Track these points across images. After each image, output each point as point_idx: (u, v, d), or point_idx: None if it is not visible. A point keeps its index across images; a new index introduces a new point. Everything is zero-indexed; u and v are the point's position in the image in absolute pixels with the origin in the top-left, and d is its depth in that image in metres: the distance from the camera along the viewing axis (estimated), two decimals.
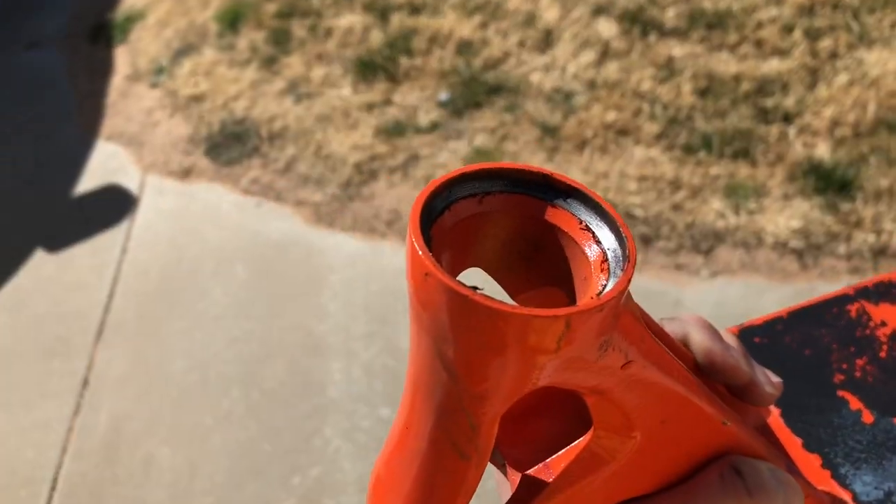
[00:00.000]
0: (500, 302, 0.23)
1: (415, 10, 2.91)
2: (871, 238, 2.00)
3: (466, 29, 2.79)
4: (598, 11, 2.78)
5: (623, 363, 0.26)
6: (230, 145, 2.52)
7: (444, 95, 2.56)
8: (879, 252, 1.98)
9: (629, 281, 0.25)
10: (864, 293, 0.50)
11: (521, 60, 2.66)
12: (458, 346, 0.24)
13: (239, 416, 1.89)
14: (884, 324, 0.48)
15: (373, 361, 1.98)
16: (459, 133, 2.46)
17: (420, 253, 0.23)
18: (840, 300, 0.50)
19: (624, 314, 0.26)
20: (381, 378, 1.95)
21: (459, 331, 0.23)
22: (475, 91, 2.56)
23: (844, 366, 0.46)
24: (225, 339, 2.04)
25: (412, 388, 0.27)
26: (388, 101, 2.58)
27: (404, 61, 2.69)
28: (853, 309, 0.49)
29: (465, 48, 2.74)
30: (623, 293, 0.24)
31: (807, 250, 2.03)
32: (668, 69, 2.52)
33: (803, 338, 0.48)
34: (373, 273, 2.16)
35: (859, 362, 0.46)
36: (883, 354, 0.46)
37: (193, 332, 2.06)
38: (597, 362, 0.25)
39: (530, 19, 2.80)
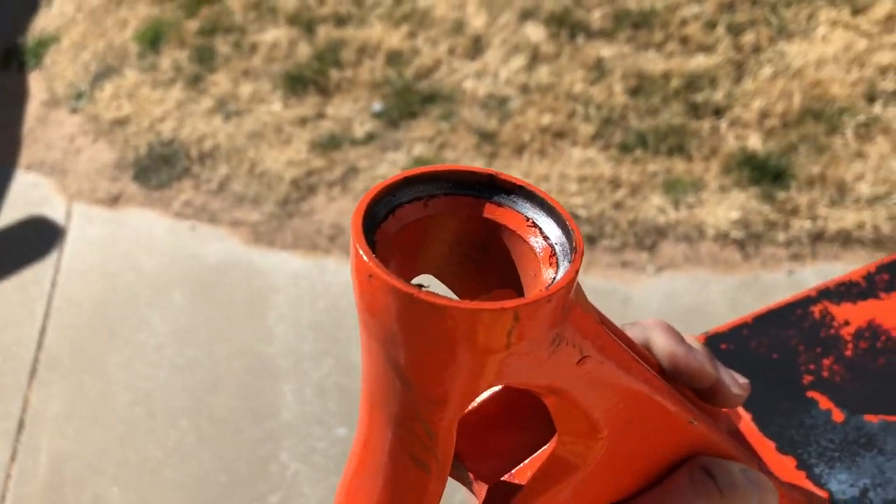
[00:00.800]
0: (447, 298, 0.22)
1: (341, 22, 2.88)
2: (808, 224, 2.05)
3: (395, 39, 2.76)
4: (525, 16, 2.80)
5: (578, 359, 0.26)
6: (159, 168, 2.44)
7: (377, 106, 2.53)
8: (817, 237, 2.04)
9: (577, 272, 0.24)
10: (826, 294, 0.51)
11: (452, 68, 2.66)
12: (407, 348, 0.23)
13: (190, 448, 1.81)
14: (847, 323, 0.49)
15: (325, 381, 1.93)
16: (397, 143, 2.43)
17: (363, 255, 0.23)
18: (803, 302, 0.50)
19: (575, 308, 0.25)
20: (335, 397, 1.90)
21: (407, 332, 0.23)
22: (409, 101, 2.54)
23: (812, 367, 0.47)
24: (169, 369, 1.96)
25: (368, 403, 0.26)
26: (320, 115, 2.53)
27: (334, 73, 2.65)
28: (816, 310, 0.49)
29: (395, 58, 2.71)
30: (572, 283, 0.24)
31: (747, 240, 2.07)
32: (599, 70, 2.55)
33: (770, 341, 0.49)
34: (318, 290, 2.11)
35: (826, 362, 0.47)
36: (849, 353, 0.47)
37: (134, 363, 1.97)
38: (550, 358, 0.25)
39: (458, 27, 2.79)
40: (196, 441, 1.82)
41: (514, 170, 2.30)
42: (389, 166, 2.34)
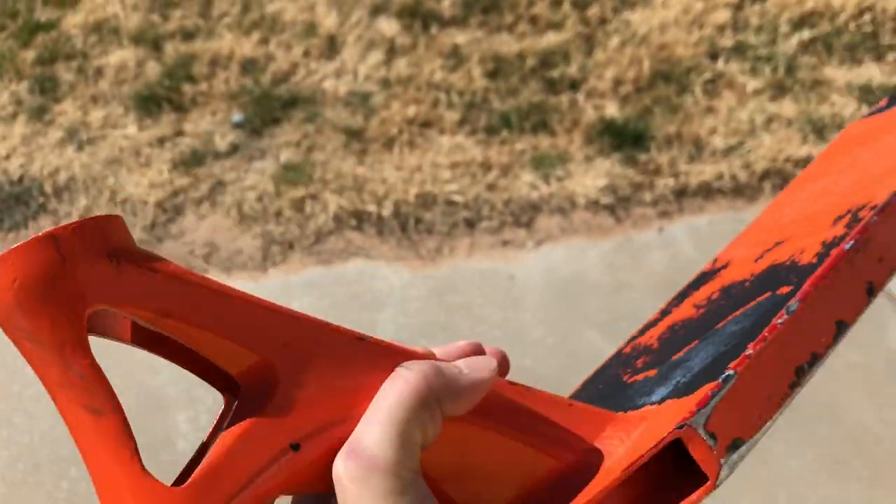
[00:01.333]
0: None
1: (188, 36, 2.79)
2: (671, 182, 2.14)
3: (247, 47, 2.70)
4: (377, 11, 2.79)
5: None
6: (12, 209, 2.29)
7: (237, 117, 2.47)
8: (681, 193, 2.13)
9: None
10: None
11: (310, 70, 2.62)
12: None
13: (84, 497, 1.71)
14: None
15: (220, 403, 1.86)
16: (262, 152, 2.37)
17: None
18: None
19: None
20: None
21: None
22: (270, 107, 2.49)
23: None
24: (49, 418, 1.84)
25: (49, 394, 0.28)
26: (179, 133, 2.45)
27: (188, 89, 2.56)
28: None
29: (250, 66, 2.65)
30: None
31: (617, 204, 2.13)
32: (456, 57, 2.58)
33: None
34: None
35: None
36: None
37: (12, 416, 1.84)
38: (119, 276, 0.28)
39: (310, 28, 2.76)
40: (89, 488, 1.72)
41: (386, 164, 2.29)
42: (258, 175, 2.29)
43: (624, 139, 2.24)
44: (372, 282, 2.06)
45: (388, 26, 2.72)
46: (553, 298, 1.97)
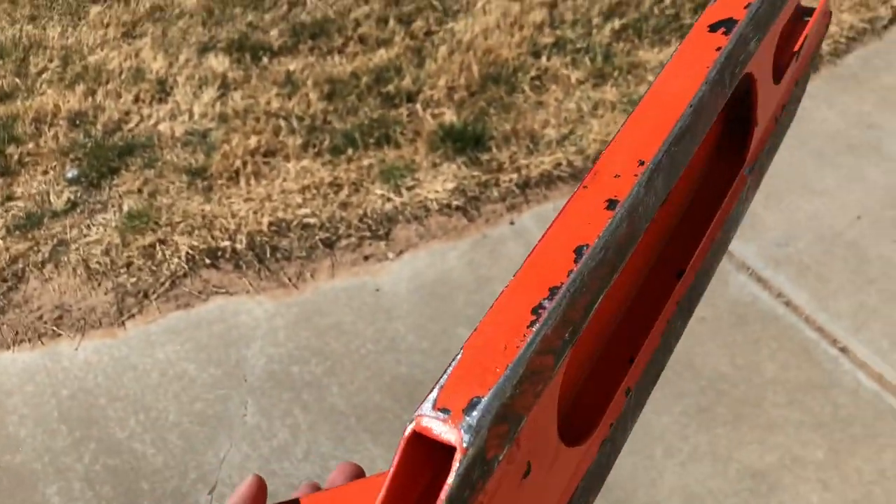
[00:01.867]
0: None
1: (6, 97, 2.66)
2: (515, 176, 2.22)
3: (73, 101, 2.60)
4: (205, 49, 2.75)
5: None
6: None
7: (72, 172, 2.37)
8: (525, 185, 2.21)
9: None
10: None
11: (143, 115, 2.55)
12: None
13: None
14: None
15: (92, 468, 1.77)
16: (104, 204, 2.29)
17: None
18: None
19: None
20: (109, 481, 1.76)
21: None
22: (105, 158, 2.40)
23: None
24: None
25: None
26: (9, 197, 2.32)
27: (13, 151, 2.44)
28: None
29: (79, 120, 2.56)
30: None
31: (468, 204, 2.19)
32: (291, 84, 2.58)
33: None
34: (58, 379, 1.94)
35: None
36: None
37: None
38: None
39: (138, 74, 2.69)
40: None
41: (235, 198, 2.26)
42: (102, 229, 2.20)
43: (465, 142, 2.31)
44: (236, 318, 2.02)
45: (217, 62, 2.69)
46: (420, 303, 2.00)
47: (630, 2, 2.65)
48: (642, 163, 0.37)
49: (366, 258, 2.11)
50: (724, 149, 0.53)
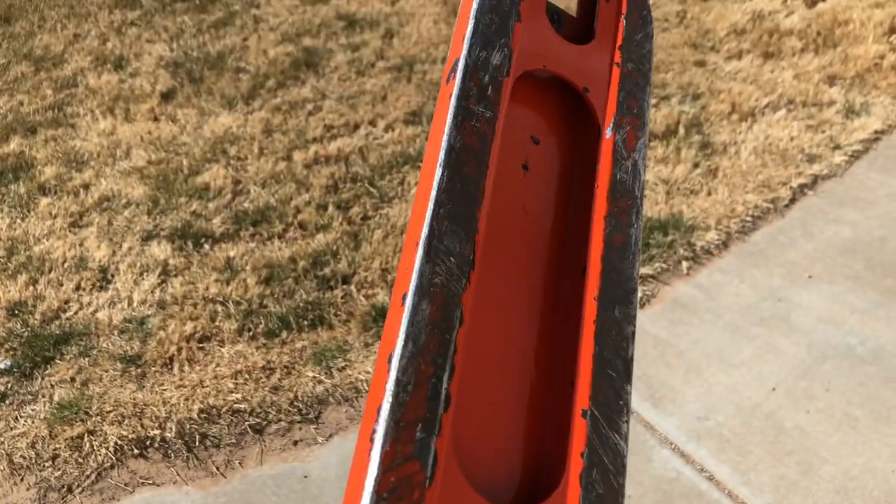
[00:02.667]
0: None
1: None
2: None
3: (13, 291, 2.65)
4: (148, 238, 2.85)
5: None
6: None
7: (4, 363, 2.38)
8: None
9: None
10: None
11: (83, 304, 2.60)
12: None
13: None
14: None
15: None
16: (34, 395, 2.28)
17: None
18: None
19: None
20: None
21: None
22: (41, 348, 2.42)
23: None
24: None
25: None
26: None
27: None
28: None
29: (18, 309, 2.59)
30: None
31: None
32: (230, 269, 2.66)
33: None
34: None
35: None
36: None
37: None
38: None
39: (82, 263, 2.76)
40: None
41: (167, 384, 2.27)
42: (29, 421, 2.19)
43: None
44: None
45: (160, 250, 2.77)
46: None
47: None
48: (417, 244, 0.40)
49: (295, 443, 2.11)
50: (575, 125, 0.53)
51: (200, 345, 2.40)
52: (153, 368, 2.33)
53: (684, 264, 2.48)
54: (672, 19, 3.79)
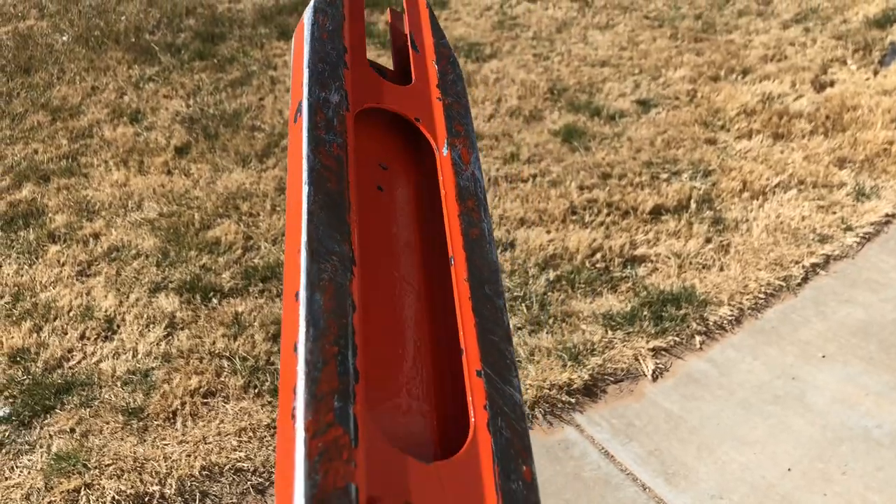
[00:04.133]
0: None
1: None
2: None
3: (17, 337, 2.61)
4: (156, 289, 2.83)
5: None
6: None
7: (3, 411, 2.33)
8: None
9: None
10: None
11: (87, 353, 2.56)
12: None
13: None
14: None
15: None
16: (31, 445, 2.23)
17: None
18: None
19: None
20: None
21: None
22: (41, 397, 2.38)
23: None
24: None
25: None
26: None
27: None
28: None
29: (20, 356, 2.55)
30: None
31: None
32: (238, 325, 2.63)
33: None
34: None
35: None
36: None
37: None
38: None
39: (88, 312, 2.73)
40: None
41: (169, 439, 2.22)
42: (25, 472, 2.13)
43: None
44: None
45: (167, 302, 2.75)
46: None
47: (563, 255, 2.83)
48: (300, 250, 0.45)
49: None
50: (417, 150, 0.62)
51: (205, 400, 2.36)
52: (155, 422, 2.28)
53: (697, 339, 2.47)
54: (682, 98, 3.86)
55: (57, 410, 2.34)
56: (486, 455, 0.43)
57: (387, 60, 0.67)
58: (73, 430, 2.27)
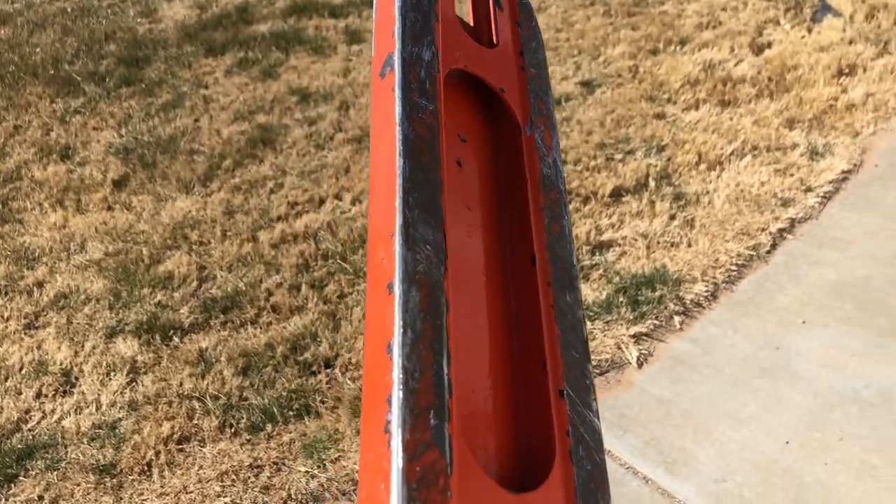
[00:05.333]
0: None
1: None
2: None
3: None
4: (112, 334, 2.69)
5: None
6: None
7: None
8: None
9: None
10: None
11: (46, 412, 2.42)
12: None
13: None
14: None
15: None
16: None
17: None
18: None
19: None
20: None
21: None
22: (2, 465, 2.23)
23: None
24: None
25: None
26: None
27: None
28: None
29: None
30: None
31: None
32: (204, 362, 2.52)
33: None
34: None
35: None
36: None
37: None
38: None
39: (42, 367, 2.58)
40: None
41: (148, 493, 2.10)
42: None
43: None
44: None
45: (126, 347, 2.62)
46: None
47: None
48: (392, 234, 0.40)
49: None
50: (495, 125, 0.55)
51: (180, 446, 2.24)
52: (130, 477, 2.16)
53: (676, 319, 2.43)
54: (625, 74, 3.83)
55: (21, 478, 2.20)
56: (569, 488, 0.40)
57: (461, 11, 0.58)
58: (41, 498, 2.13)
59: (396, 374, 0.36)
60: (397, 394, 0.36)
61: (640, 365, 2.30)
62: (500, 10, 0.58)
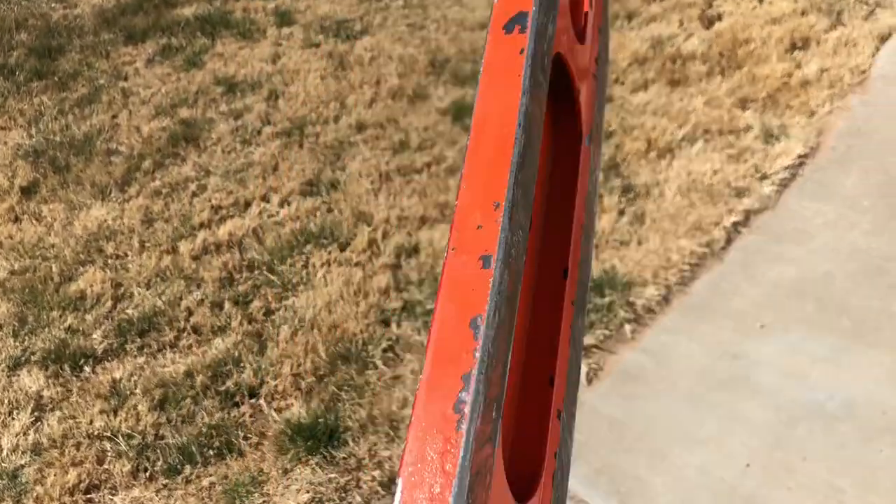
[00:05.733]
0: None
1: None
2: (377, 473, 1.98)
3: None
4: (16, 366, 2.45)
5: None
6: None
7: None
8: (389, 482, 1.97)
9: None
10: None
11: None
12: None
13: None
14: None
15: None
16: None
17: None
18: None
19: None
20: None
21: None
22: None
23: None
24: None
25: None
26: None
27: None
28: None
29: None
30: None
31: None
32: (117, 395, 2.29)
33: None
34: None
35: None
36: None
37: None
38: None
39: None
40: None
41: None
42: None
43: (318, 439, 2.06)
44: None
45: (31, 380, 2.38)
46: None
47: None
48: (497, 205, 0.37)
49: None
50: (557, 126, 0.51)
51: (88, 496, 2.03)
52: None
53: (627, 328, 2.27)
54: None
55: None
56: None
57: None
58: None
59: (481, 355, 0.34)
60: (478, 375, 0.34)
61: (589, 381, 2.13)
62: (591, 6, 0.54)
